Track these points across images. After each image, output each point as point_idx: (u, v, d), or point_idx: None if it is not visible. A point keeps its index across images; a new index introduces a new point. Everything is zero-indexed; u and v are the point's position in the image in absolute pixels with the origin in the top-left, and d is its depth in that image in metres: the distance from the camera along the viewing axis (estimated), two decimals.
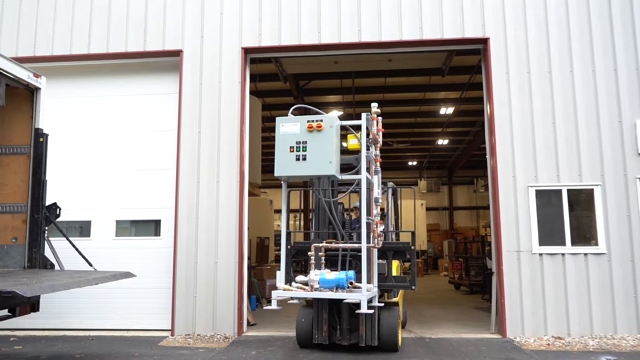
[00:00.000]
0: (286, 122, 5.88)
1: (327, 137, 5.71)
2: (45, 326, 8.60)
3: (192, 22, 8.97)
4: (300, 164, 5.70)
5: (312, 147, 5.70)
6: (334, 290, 5.80)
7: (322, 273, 5.89)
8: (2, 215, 6.94)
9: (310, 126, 5.74)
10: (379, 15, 8.67)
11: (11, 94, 6.88)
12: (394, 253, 6.89)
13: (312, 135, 5.71)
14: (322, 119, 5.79)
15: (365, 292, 5.63)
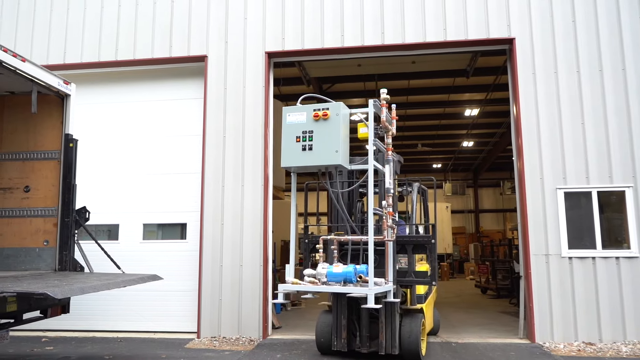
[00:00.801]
0: (292, 111, 5.69)
1: (334, 126, 5.49)
2: (75, 327, 8.78)
3: (216, 28, 9.08)
4: (306, 154, 5.52)
5: (319, 136, 5.50)
6: (341, 284, 5.54)
7: (329, 267, 5.67)
8: (34, 219, 7.12)
9: (316, 115, 5.53)
10: (402, 17, 8.63)
11: (42, 100, 7.06)
12: (413, 247, 6.55)
13: (318, 124, 5.52)
14: (329, 107, 5.56)
15: (372, 286, 5.31)
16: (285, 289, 5.75)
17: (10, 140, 7.29)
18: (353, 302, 6.46)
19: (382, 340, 6.32)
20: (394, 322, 6.29)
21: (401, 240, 6.52)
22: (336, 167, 5.68)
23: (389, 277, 6.02)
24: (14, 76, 6.43)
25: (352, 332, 6.60)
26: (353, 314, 6.58)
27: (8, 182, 7.25)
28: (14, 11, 9.73)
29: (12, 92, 7.28)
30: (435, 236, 6.48)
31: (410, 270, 6.50)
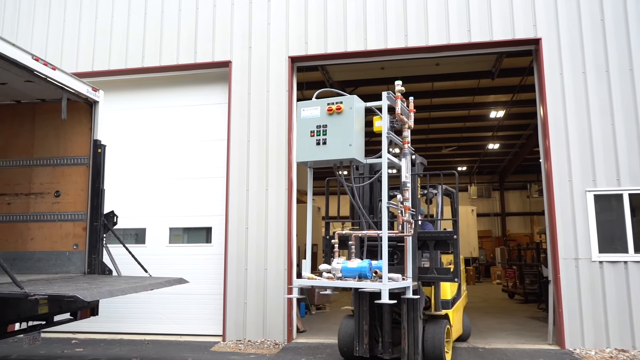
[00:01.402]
0: (307, 106, 5.58)
1: (347, 120, 5.35)
2: (103, 329, 8.94)
3: (240, 33, 9.17)
4: (320, 148, 5.40)
5: (332, 130, 5.37)
6: (356, 279, 5.39)
7: (345, 262, 5.54)
8: (64, 223, 7.28)
9: (330, 109, 5.40)
10: (426, 20, 8.58)
11: (72, 107, 7.23)
12: (435, 243, 6.31)
13: (332, 118, 5.40)
14: (342, 100, 5.42)
15: (387, 281, 5.12)
16: (300, 283, 5.68)
17: (42, 147, 7.48)
18: (375, 306, 6.37)
19: (405, 346, 6.14)
20: (417, 328, 6.11)
21: (423, 236, 6.28)
22: (351, 161, 5.53)
23: (408, 273, 5.82)
24: (45, 84, 6.60)
25: (374, 338, 6.48)
26: (375, 319, 6.48)
27: (39, 187, 7.44)
28: (45, 20, 10.00)
29: (43, 99, 7.47)
30: (458, 232, 6.20)
31: (431, 267, 6.25)
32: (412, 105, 6.17)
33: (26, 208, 7.42)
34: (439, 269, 6.27)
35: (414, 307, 6.13)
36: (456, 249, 6.22)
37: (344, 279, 5.45)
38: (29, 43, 9.86)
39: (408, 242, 5.87)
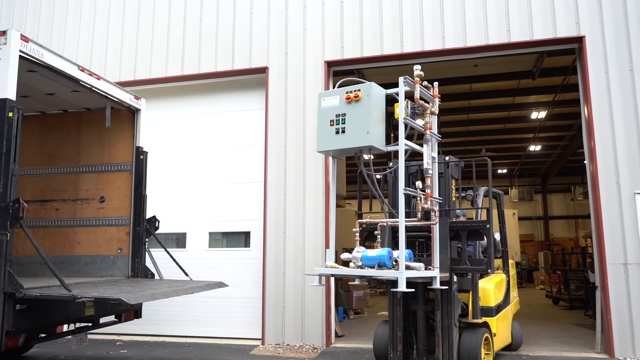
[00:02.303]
0: (327, 95, 5.52)
1: (365, 107, 5.25)
2: (146, 332, 9.15)
3: (276, 39, 9.26)
4: (339, 137, 5.33)
5: (351, 118, 5.29)
6: (375, 268, 5.23)
7: (365, 250, 5.41)
8: (108, 227, 7.51)
9: (349, 97, 5.32)
10: (463, 20, 8.45)
11: (115, 115, 7.47)
12: (468, 233, 5.98)
13: (350, 106, 5.32)
14: (360, 88, 5.33)
15: (404, 269, 4.91)
16: (320, 272, 5.64)
17: (87, 154, 7.75)
18: (410, 312, 6.18)
19: (439, 355, 5.87)
20: (452, 335, 5.83)
21: (455, 226, 6.01)
22: (370, 149, 5.39)
23: (435, 263, 5.55)
24: (90, 94, 6.84)
25: (409, 345, 6.25)
26: (410, 325, 6.24)
27: (85, 193, 7.70)
28: (90, 32, 10.36)
29: (89, 108, 7.74)
30: (491, 221, 5.85)
31: (464, 257, 5.95)
32: (437, 90, 5.84)
33: (73, 213, 7.69)
34: (473, 259, 5.94)
35: (448, 314, 5.87)
36: (489, 239, 5.87)
37: (365, 267, 5.31)
38: (74, 54, 10.23)
39: (435, 232, 5.58)
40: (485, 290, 6.62)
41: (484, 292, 6.57)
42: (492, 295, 6.66)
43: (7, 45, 5.21)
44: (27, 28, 10.60)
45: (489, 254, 5.92)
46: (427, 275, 5.34)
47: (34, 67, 5.80)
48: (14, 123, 5.15)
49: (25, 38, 5.39)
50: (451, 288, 5.89)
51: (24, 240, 6.39)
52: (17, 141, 5.18)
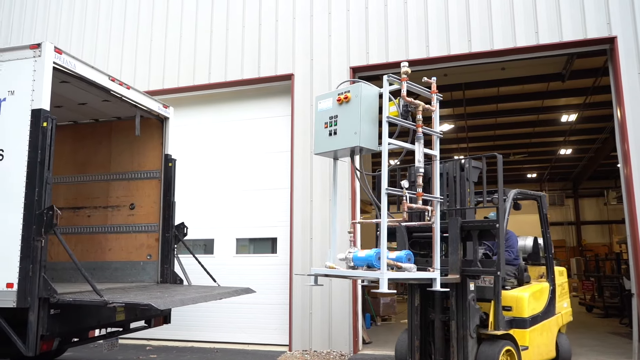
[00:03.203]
0: (322, 99, 5.54)
1: (354, 108, 5.21)
2: (175, 337, 9.25)
3: (301, 46, 9.31)
4: (332, 138, 5.33)
5: (342, 120, 5.28)
6: (364, 268, 5.11)
7: (356, 250, 5.32)
8: (138, 234, 7.64)
9: (339, 99, 5.30)
10: (490, 23, 8.35)
11: (145, 124, 7.61)
12: (479, 234, 5.67)
13: (341, 108, 5.31)
14: (350, 89, 5.29)
15: (385, 270, 4.76)
16: (316, 271, 5.65)
17: (118, 162, 7.91)
18: (430, 322, 6.00)
19: None
20: (466, 347, 5.53)
21: (466, 226, 5.75)
22: (361, 149, 5.33)
23: (436, 264, 5.26)
24: (120, 103, 7.00)
25: (428, 354, 6.03)
26: (430, 335, 6.03)
27: (116, 200, 7.86)
28: (119, 42, 10.61)
29: (119, 117, 7.91)
30: (502, 220, 5.58)
31: (475, 260, 5.68)
32: (435, 86, 5.67)
33: (104, 220, 7.86)
34: (484, 261, 5.68)
35: (463, 324, 5.55)
36: (500, 239, 5.55)
37: (357, 268, 5.22)
38: (105, 64, 10.48)
39: (435, 232, 5.31)
40: (518, 300, 6.19)
41: (517, 302, 6.17)
42: (526, 305, 6.20)
43: (42, 57, 5.38)
44: (60, 41, 10.91)
45: (499, 255, 5.54)
46: (418, 277, 5.09)
47: (66, 78, 5.97)
48: (48, 133, 5.29)
49: (58, 50, 5.54)
50: (466, 296, 5.61)
51: (58, 247, 6.55)
52: (51, 150, 5.32)
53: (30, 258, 5.05)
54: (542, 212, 7.15)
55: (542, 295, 6.54)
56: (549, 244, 7.15)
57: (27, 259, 5.05)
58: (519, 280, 6.52)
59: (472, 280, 5.71)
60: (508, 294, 6.19)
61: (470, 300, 5.63)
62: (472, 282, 5.73)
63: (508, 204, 6.33)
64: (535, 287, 6.52)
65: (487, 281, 6.21)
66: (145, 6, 10.58)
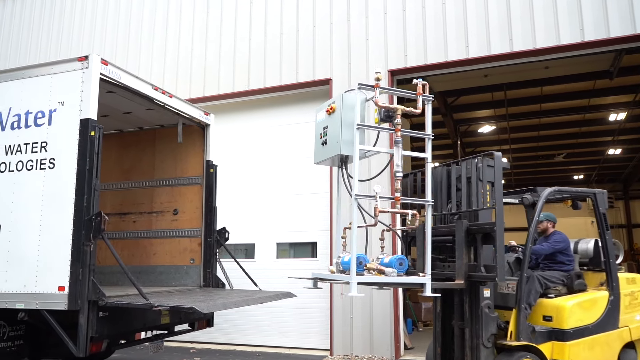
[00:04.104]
0: (319, 110, 5.73)
1: (337, 117, 5.40)
2: (218, 340, 9.39)
3: (339, 51, 9.33)
4: (324, 148, 5.55)
5: (330, 130, 5.49)
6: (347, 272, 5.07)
7: (344, 255, 5.34)
8: (182, 239, 7.81)
9: (328, 110, 5.50)
10: (532, 21, 8.14)
11: (186, 131, 7.79)
12: (482, 237, 5.40)
13: (330, 118, 5.50)
14: (335, 99, 5.49)
15: (354, 274, 4.81)
16: (315, 275, 5.74)
17: (161, 169, 8.12)
18: (451, 329, 5.75)
19: None
20: (479, 357, 5.28)
21: (472, 229, 5.50)
22: (346, 157, 5.52)
23: (427, 269, 5.08)
24: (163, 111, 7.18)
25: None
26: (451, 342, 5.77)
27: (160, 205, 8.06)
28: (162, 52, 10.91)
29: (162, 125, 8.12)
30: (501, 222, 5.25)
31: (479, 264, 5.42)
32: (421, 88, 5.54)
33: (149, 225, 8.07)
34: (489, 266, 5.34)
35: (476, 332, 5.27)
36: (499, 242, 5.20)
37: (346, 272, 5.22)
38: (149, 74, 10.78)
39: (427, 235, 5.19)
40: (559, 309, 5.64)
41: (557, 311, 5.64)
42: (567, 316, 5.60)
43: (89, 68, 5.58)
44: (106, 52, 11.31)
45: (499, 257, 5.22)
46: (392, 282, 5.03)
47: (112, 88, 6.17)
48: (96, 141, 5.48)
49: (104, 61, 5.74)
50: (478, 303, 5.34)
51: (105, 251, 6.76)
52: (99, 158, 5.51)
53: (80, 262, 5.23)
54: (599, 211, 6.38)
55: (596, 305, 5.86)
56: (610, 247, 6.28)
57: (77, 263, 5.23)
58: (569, 288, 5.92)
59: (486, 287, 5.40)
60: (549, 303, 5.74)
61: (484, 308, 5.32)
62: (487, 288, 5.40)
63: (540, 203, 5.86)
64: (586, 296, 5.88)
65: (510, 288, 5.77)
66: (186, 17, 10.84)
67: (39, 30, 12.45)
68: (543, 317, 5.66)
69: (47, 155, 5.62)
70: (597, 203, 6.38)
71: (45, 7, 12.53)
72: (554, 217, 6.44)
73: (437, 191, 6.08)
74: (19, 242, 5.57)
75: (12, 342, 5.79)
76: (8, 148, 5.83)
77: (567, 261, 6.11)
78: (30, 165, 5.69)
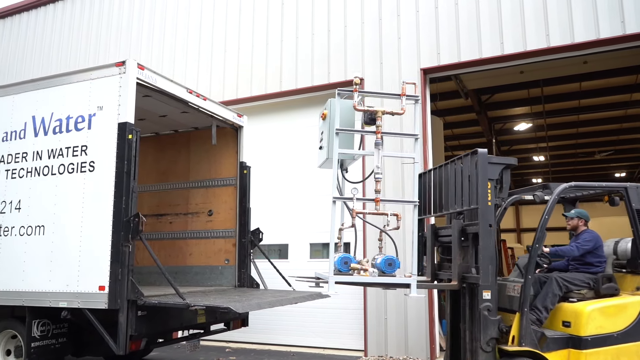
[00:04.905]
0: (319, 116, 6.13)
1: (327, 123, 5.79)
2: (253, 340, 9.47)
3: (370, 50, 9.28)
4: (320, 152, 6.00)
5: (324, 134, 5.87)
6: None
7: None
8: (216, 239, 7.92)
9: (322, 116, 5.91)
10: (570, 15, 7.91)
11: (220, 133, 7.89)
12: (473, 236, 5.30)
13: (324, 123, 5.91)
14: (327, 106, 5.85)
15: (332, 274, 5.19)
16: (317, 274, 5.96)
17: (196, 170, 8.26)
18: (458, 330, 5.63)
19: None
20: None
21: (467, 229, 5.40)
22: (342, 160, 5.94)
23: (413, 269, 5.27)
24: (198, 114, 7.31)
25: None
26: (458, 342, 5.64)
27: (195, 207, 8.20)
28: (196, 55, 11.09)
29: (196, 127, 8.26)
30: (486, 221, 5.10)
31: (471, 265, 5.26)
32: (406, 89, 5.62)
33: (185, 226, 8.22)
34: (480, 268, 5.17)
35: (474, 336, 5.10)
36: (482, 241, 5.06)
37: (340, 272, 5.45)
38: (183, 77, 10.97)
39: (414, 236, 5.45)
40: (577, 315, 5.15)
41: (575, 317, 5.16)
42: (584, 322, 5.08)
43: (126, 73, 5.73)
44: (142, 56, 11.57)
45: (481, 261, 5.04)
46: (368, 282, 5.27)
47: (149, 92, 6.31)
48: (133, 144, 5.62)
49: (141, 66, 5.88)
50: (476, 305, 5.12)
51: (143, 252, 6.92)
52: (136, 161, 5.64)
53: (120, 262, 5.37)
54: (631, 206, 5.64)
55: (624, 311, 5.23)
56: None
57: (116, 263, 5.37)
58: (596, 292, 5.35)
59: (486, 289, 5.13)
60: (569, 308, 5.26)
61: (483, 310, 5.05)
62: (488, 290, 5.11)
63: (551, 200, 5.43)
64: (612, 301, 5.28)
65: (516, 290, 5.43)
66: (219, 20, 10.99)
67: (78, 35, 12.84)
68: (562, 323, 5.25)
69: (87, 159, 5.80)
70: (628, 198, 5.67)
71: (84, 13, 12.92)
72: (586, 214, 5.93)
73: (445, 190, 6.01)
74: (62, 243, 5.76)
75: (55, 340, 6.00)
76: (51, 152, 6.04)
77: (597, 262, 5.61)
78: (71, 168, 5.87)
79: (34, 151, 6.17)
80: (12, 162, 6.29)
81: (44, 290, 5.73)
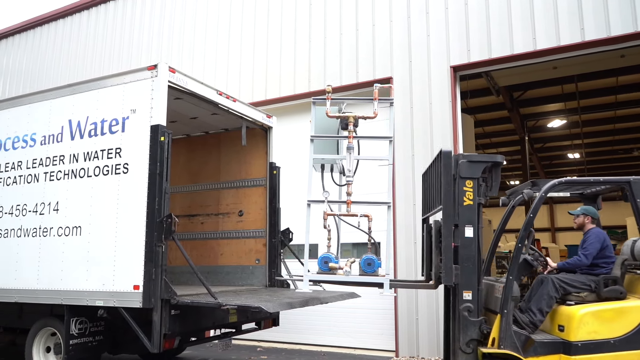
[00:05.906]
0: None
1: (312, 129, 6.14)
2: (283, 339, 9.52)
3: (399, 48, 9.21)
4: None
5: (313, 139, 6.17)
6: None
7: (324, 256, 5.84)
8: (247, 240, 7.99)
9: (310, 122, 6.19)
10: (605, 7, 7.68)
11: (250, 134, 7.96)
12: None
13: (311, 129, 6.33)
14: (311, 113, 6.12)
15: (307, 272, 5.60)
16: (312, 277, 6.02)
17: (226, 171, 8.35)
18: None
19: None
20: None
21: None
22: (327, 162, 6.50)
23: (386, 269, 5.72)
24: (228, 115, 7.39)
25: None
26: None
27: (226, 207, 8.29)
28: (225, 58, 11.21)
29: (226, 129, 8.35)
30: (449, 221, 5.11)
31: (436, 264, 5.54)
32: (376, 93, 6.22)
33: (216, 226, 8.32)
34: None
35: (455, 336, 5.04)
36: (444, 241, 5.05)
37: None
38: (213, 79, 11.11)
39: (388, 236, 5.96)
40: (569, 318, 4.89)
41: (568, 321, 4.90)
42: (575, 326, 4.82)
43: (158, 77, 5.83)
44: (173, 59, 11.77)
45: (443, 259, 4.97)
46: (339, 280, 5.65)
47: (180, 95, 6.42)
48: (165, 146, 5.72)
49: (172, 69, 5.98)
50: (456, 305, 5.04)
51: (175, 252, 7.03)
52: (168, 162, 5.74)
53: (153, 262, 5.47)
54: (635, 201, 5.19)
55: (625, 316, 4.88)
56: None
57: (150, 263, 5.48)
58: (599, 295, 5.03)
59: (467, 289, 5.03)
60: (564, 311, 5.00)
61: (463, 311, 4.97)
62: (469, 290, 5.03)
63: (538, 198, 5.18)
64: (610, 305, 4.95)
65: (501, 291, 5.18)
66: (247, 22, 11.08)
67: (112, 40, 13.15)
68: (558, 327, 4.99)
69: (122, 161, 5.92)
70: (632, 193, 5.22)
71: (117, 18, 13.22)
72: (594, 211, 5.56)
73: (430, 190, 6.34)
74: (98, 243, 5.91)
75: (93, 337, 6.15)
76: (86, 155, 6.20)
77: (602, 263, 5.27)
78: (106, 170, 6.01)
79: (70, 154, 6.34)
80: (50, 165, 6.48)
81: (81, 289, 5.89)
